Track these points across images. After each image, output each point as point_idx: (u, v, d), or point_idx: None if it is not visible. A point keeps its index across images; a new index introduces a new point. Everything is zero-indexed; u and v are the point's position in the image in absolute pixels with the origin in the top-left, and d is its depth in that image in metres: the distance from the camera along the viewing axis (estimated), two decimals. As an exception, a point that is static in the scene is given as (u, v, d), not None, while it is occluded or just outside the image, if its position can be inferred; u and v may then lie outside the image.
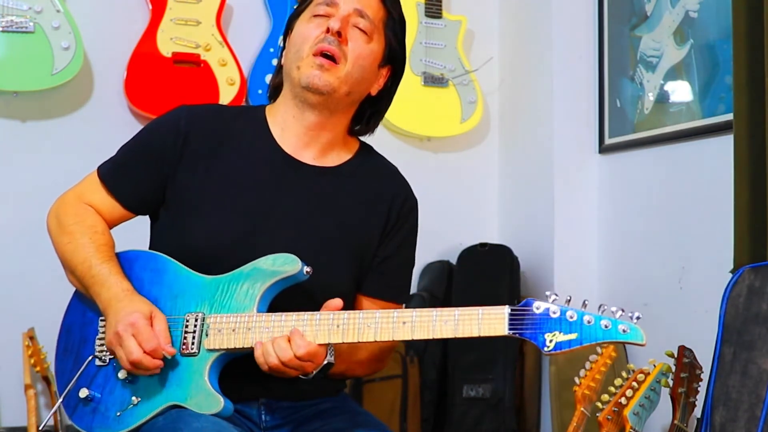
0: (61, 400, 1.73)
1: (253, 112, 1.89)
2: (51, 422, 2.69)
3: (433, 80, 3.25)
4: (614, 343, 1.53)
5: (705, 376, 2.05)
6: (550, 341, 1.51)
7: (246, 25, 3.17)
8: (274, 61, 3.07)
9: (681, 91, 2.77)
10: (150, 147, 1.82)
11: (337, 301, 1.65)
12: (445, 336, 1.57)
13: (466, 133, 3.33)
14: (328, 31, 1.75)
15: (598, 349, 2.22)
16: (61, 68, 2.77)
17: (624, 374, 2.09)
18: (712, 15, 2.62)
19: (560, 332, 1.51)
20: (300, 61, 1.77)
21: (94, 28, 2.94)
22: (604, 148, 3.09)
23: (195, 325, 1.66)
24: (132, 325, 1.60)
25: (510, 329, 1.52)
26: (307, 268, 1.68)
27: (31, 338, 2.64)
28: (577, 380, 2.17)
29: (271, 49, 3.08)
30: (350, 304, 1.85)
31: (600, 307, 1.53)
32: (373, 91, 1.85)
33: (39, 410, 2.71)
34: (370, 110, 1.88)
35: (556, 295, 1.55)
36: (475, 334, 1.55)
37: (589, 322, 1.51)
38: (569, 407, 2.33)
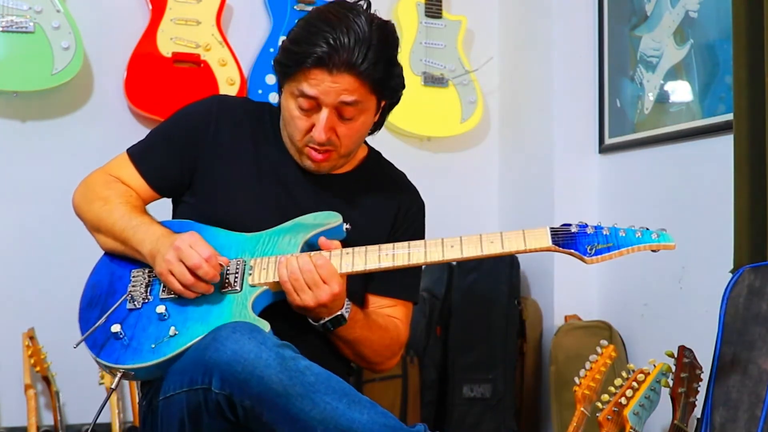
0: (89, 332, 1.70)
1: (271, 113, 1.93)
2: (51, 422, 2.70)
3: (433, 80, 3.25)
4: (648, 247, 1.69)
5: (705, 376, 2.05)
6: (591, 249, 1.66)
7: (246, 25, 3.16)
8: (274, 61, 3.07)
9: (681, 91, 2.77)
10: (181, 130, 1.88)
11: (336, 243, 1.73)
12: (493, 252, 1.68)
13: (466, 133, 3.33)
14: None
15: (598, 349, 2.22)
16: (61, 68, 2.77)
17: (624, 374, 2.09)
18: (712, 15, 2.62)
19: (598, 243, 1.67)
20: (294, 145, 1.83)
21: (94, 28, 2.94)
22: (604, 148, 3.09)
23: (237, 268, 1.71)
24: (189, 236, 1.68)
25: (553, 242, 1.67)
26: (347, 225, 1.76)
27: (31, 338, 2.64)
28: (577, 380, 2.17)
29: (271, 49, 3.07)
30: (359, 302, 1.87)
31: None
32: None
33: (39, 410, 2.71)
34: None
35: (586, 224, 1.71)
36: (521, 248, 1.68)
37: (622, 233, 1.68)
38: (569, 407, 2.33)
